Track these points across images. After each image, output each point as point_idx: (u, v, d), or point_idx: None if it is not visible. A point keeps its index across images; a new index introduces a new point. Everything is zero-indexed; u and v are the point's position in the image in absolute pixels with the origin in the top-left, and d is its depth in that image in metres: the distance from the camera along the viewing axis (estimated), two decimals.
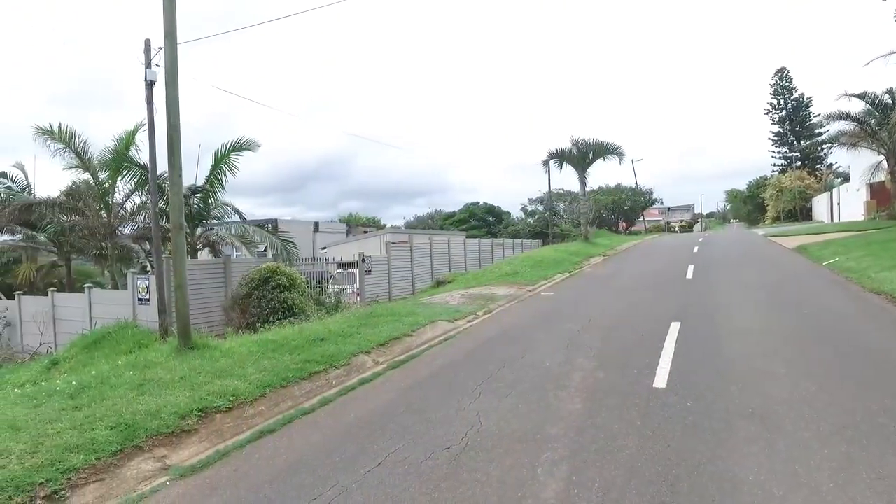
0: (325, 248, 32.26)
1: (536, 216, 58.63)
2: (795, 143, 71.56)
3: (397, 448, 5.25)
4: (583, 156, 38.17)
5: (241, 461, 5.30)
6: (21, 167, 20.74)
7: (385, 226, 55.65)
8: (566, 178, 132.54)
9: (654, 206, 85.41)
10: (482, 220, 58.67)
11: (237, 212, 19.36)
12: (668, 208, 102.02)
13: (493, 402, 6.44)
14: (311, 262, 21.08)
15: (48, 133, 16.74)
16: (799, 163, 69.75)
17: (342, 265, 22.45)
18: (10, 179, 20.37)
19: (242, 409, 6.54)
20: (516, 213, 65.67)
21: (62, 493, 4.64)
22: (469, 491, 4.33)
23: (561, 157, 39.06)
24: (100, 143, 17.77)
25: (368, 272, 21.08)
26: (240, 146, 16.93)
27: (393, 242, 27.55)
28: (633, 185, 70.71)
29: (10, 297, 18.64)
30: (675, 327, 9.96)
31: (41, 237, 19.47)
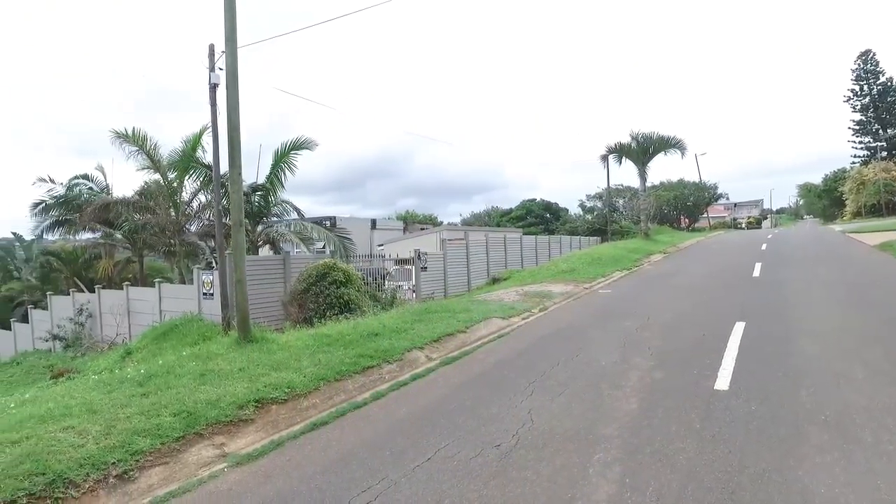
0: (381, 245, 32.67)
1: (595, 213, 57.48)
2: (881, 131, 66.99)
3: (447, 444, 5.23)
4: (643, 150, 37.07)
5: (294, 451, 5.40)
6: (101, 169, 22.16)
7: (441, 223, 55.77)
8: (626, 174, 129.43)
9: (719, 201, 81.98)
10: (539, 217, 57.91)
11: (296, 209, 19.85)
12: (735, 204, 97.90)
13: (545, 401, 6.32)
14: (368, 259, 21.39)
15: (123, 136, 17.77)
16: (885, 153, 65.19)
17: (398, 262, 22.67)
18: (92, 181, 21.78)
19: (297, 401, 6.69)
20: (574, 209, 64.56)
21: (131, 473, 4.88)
22: (518, 489, 4.25)
23: (620, 151, 38.07)
24: (169, 144, 18.83)
25: (424, 269, 21.20)
26: (298, 145, 17.34)
27: (449, 239, 27.57)
28: (697, 180, 68.03)
29: (91, 290, 19.86)
30: (739, 327, 9.50)
31: (118, 235, 20.65)
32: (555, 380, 7.14)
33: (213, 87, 11.62)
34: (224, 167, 12.66)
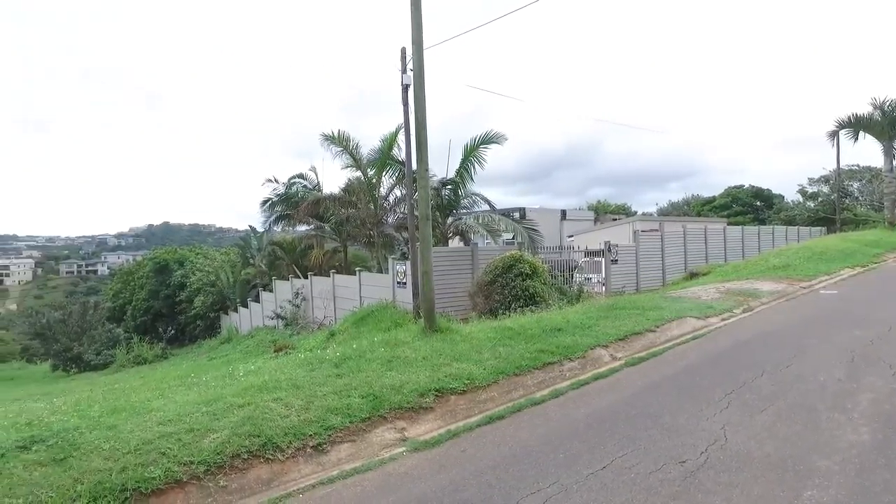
0: (571, 236, 32.01)
1: (819, 199, 49.53)
2: None
3: (625, 453, 4.89)
4: (890, 122, 30.60)
5: (469, 443, 5.50)
6: (314, 169, 25.17)
7: (635, 213, 52.83)
8: (863, 152, 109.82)
9: None
10: (747, 206, 51.69)
11: (486, 201, 20.30)
12: None
13: (742, 416, 5.59)
14: (556, 251, 21.09)
15: (330, 139, 19.90)
16: None
17: (588, 254, 21.99)
18: (306, 179, 24.90)
19: (476, 393, 6.81)
20: (791, 195, 56.23)
21: (324, 446, 5.40)
22: None
23: (856, 125, 31.93)
24: (368, 143, 20.69)
25: (615, 262, 20.28)
26: (487, 139, 17.70)
27: (642, 230, 25.99)
28: None
29: (305, 276, 22.62)
30: None
31: (327, 227, 23.19)
32: (757, 393, 6.29)
33: (405, 88, 12.35)
34: (416, 163, 13.46)
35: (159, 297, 36.42)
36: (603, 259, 20.37)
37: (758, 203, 52.41)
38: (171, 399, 6.39)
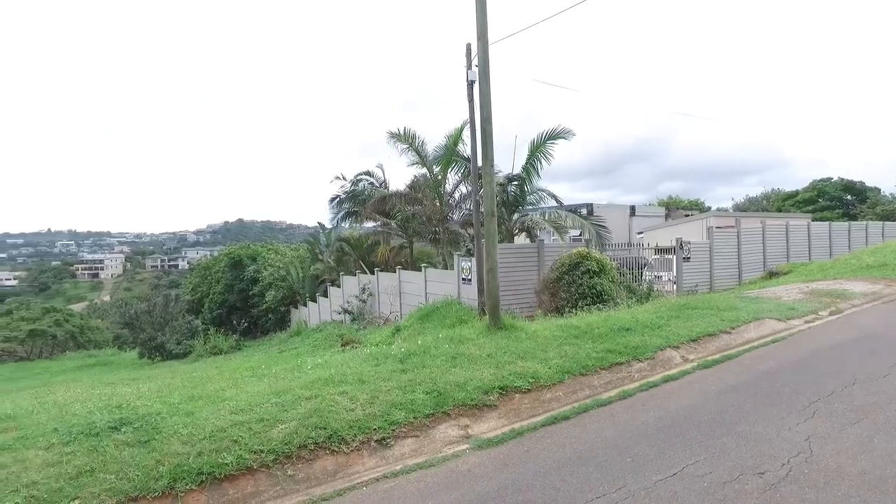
0: (640, 232, 31.05)
1: None
2: None
3: (697, 460, 4.66)
4: None
5: (533, 443, 5.41)
6: (380, 167, 25.56)
7: (709, 208, 50.46)
8: None
9: None
10: (836, 200, 48.30)
11: (553, 197, 19.95)
12: None
13: (831, 428, 5.20)
14: (625, 248, 20.50)
15: (396, 136, 20.13)
16: None
17: (658, 251, 21.24)
18: (372, 177, 25.27)
19: (540, 392, 6.69)
20: (888, 189, 52.27)
21: (388, 440, 5.45)
22: None
23: None
24: (433, 140, 20.82)
25: (687, 259, 19.48)
26: (554, 135, 17.37)
27: (717, 227, 24.81)
28: None
29: (371, 272, 23.03)
30: None
31: (393, 223, 23.49)
32: (848, 403, 5.84)
33: (470, 84, 12.28)
34: (481, 160, 13.39)
35: (234, 291, 38.07)
36: (674, 256, 19.62)
37: (848, 197, 48.92)
38: (244, 389, 6.65)
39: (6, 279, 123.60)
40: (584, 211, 25.29)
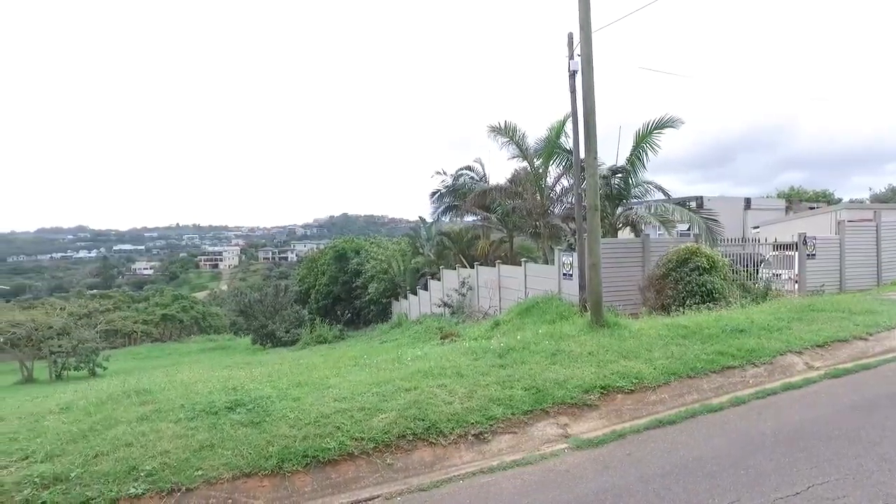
0: (757, 227, 28.82)
1: None
2: None
3: (826, 481, 4.23)
4: None
5: (635, 446, 5.17)
6: (479, 161, 25.64)
7: (839, 200, 45.86)
8: None
9: None
10: None
11: (660, 189, 19.01)
12: None
13: None
14: (739, 244, 19.12)
15: (497, 130, 20.05)
16: None
17: (777, 247, 19.61)
18: (472, 171, 25.41)
19: (644, 393, 6.39)
20: None
21: (486, 435, 5.44)
22: None
23: None
24: (534, 133, 20.50)
25: (811, 256, 17.80)
26: (662, 124, 16.54)
27: (849, 220, 22.47)
28: None
29: (471, 266, 23.12)
30: None
31: (493, 217, 23.44)
32: None
33: (573, 75, 11.95)
34: (584, 152, 13.03)
35: (338, 282, 39.69)
36: (796, 253, 18.00)
37: None
38: (346, 378, 6.88)
39: (145, 269, 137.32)
40: (693, 204, 23.83)
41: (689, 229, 18.75)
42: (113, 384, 8.03)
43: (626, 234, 19.12)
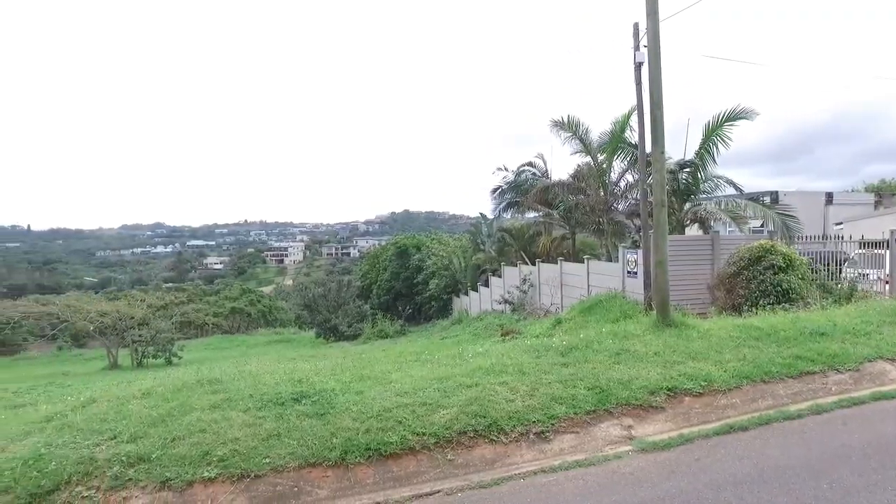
0: (840, 223, 27.09)
1: None
2: None
3: None
4: None
5: (704, 452, 4.95)
6: (541, 157, 25.18)
7: None
8: None
9: None
10: None
11: (731, 184, 18.15)
12: None
13: None
14: (819, 241, 18.03)
15: (559, 124, 19.67)
16: None
17: (863, 245, 18.34)
18: (534, 167, 25.03)
19: (714, 396, 6.12)
20: None
21: (547, 434, 5.36)
22: None
23: None
24: (597, 127, 19.81)
25: None
26: (734, 116, 15.75)
27: None
28: None
29: (532, 263, 22.87)
30: None
31: (555, 214, 23.07)
32: None
33: (638, 66, 11.58)
34: (650, 146, 12.63)
35: (399, 278, 40.22)
36: (887, 252, 16.77)
37: None
38: (408, 373, 6.94)
39: (215, 264, 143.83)
40: (766, 199, 22.70)
41: (762, 226, 17.84)
42: (187, 373, 8.45)
43: (693, 230, 18.41)
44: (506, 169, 26.00)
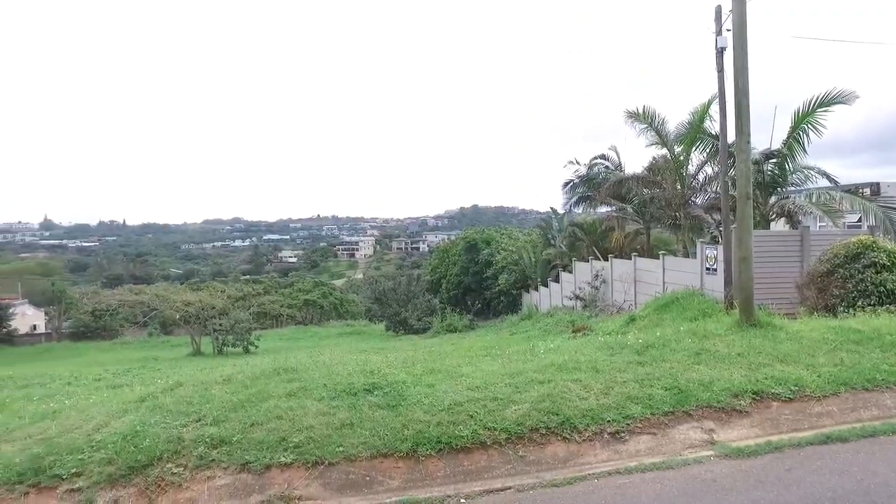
0: None
1: None
2: None
3: None
4: None
5: (795, 462, 4.62)
6: (615, 149, 24.43)
7: None
8: None
9: None
10: None
11: (825, 175, 16.94)
12: None
13: None
14: None
15: (634, 116, 18.96)
16: None
17: None
18: (607, 160, 24.31)
19: (806, 403, 5.72)
20: None
21: (622, 434, 5.19)
22: None
23: None
24: (673, 117, 18.91)
25: None
26: (829, 100, 14.58)
27: None
28: None
29: (605, 258, 22.27)
30: None
31: (628, 208, 22.39)
32: None
33: (720, 52, 10.99)
34: (732, 136, 11.96)
35: (469, 273, 40.24)
36: None
37: None
38: (478, 367, 6.90)
39: (290, 257, 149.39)
40: (866, 191, 20.98)
41: (859, 220, 16.56)
42: (264, 361, 8.77)
43: (779, 225, 17.33)
44: (577, 162, 25.42)
